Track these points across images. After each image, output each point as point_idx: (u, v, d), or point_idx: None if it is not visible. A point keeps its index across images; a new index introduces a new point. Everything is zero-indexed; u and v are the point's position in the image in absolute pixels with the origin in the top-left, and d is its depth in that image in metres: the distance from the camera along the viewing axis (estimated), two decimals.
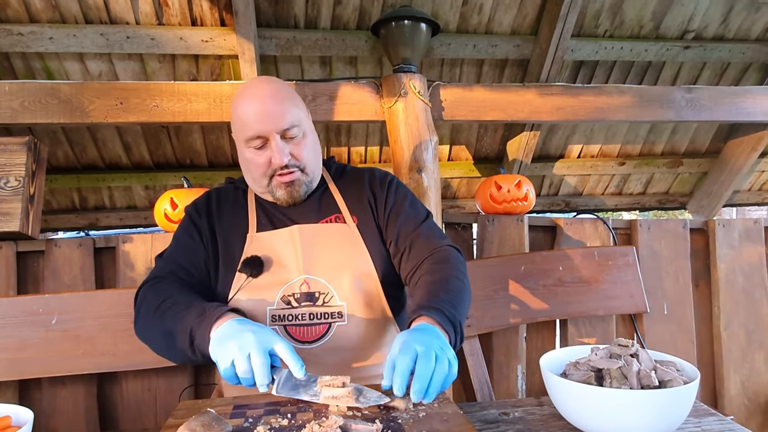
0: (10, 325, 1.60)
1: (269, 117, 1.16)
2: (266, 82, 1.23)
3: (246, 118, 1.17)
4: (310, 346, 1.18)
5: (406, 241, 1.24)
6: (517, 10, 2.30)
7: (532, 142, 2.65)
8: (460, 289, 1.12)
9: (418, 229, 1.25)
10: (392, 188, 1.32)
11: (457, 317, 1.03)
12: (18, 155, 1.78)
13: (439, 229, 1.31)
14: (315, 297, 1.20)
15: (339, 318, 1.20)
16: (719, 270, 2.20)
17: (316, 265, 1.21)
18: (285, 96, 1.20)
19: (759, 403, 2.20)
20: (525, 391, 2.06)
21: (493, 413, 1.11)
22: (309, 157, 1.24)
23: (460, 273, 1.17)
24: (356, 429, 0.84)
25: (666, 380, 0.97)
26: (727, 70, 2.73)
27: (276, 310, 1.19)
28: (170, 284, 1.17)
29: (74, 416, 1.73)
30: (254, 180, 1.25)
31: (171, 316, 1.07)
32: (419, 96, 2.05)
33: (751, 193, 3.27)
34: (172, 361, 1.16)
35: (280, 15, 2.17)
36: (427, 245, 1.22)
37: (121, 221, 2.76)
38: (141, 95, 1.96)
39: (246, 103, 1.18)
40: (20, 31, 2.01)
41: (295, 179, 1.22)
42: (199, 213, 1.29)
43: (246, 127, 1.18)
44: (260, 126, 1.16)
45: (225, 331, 0.97)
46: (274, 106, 1.17)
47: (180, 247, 1.26)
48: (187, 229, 1.27)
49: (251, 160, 1.21)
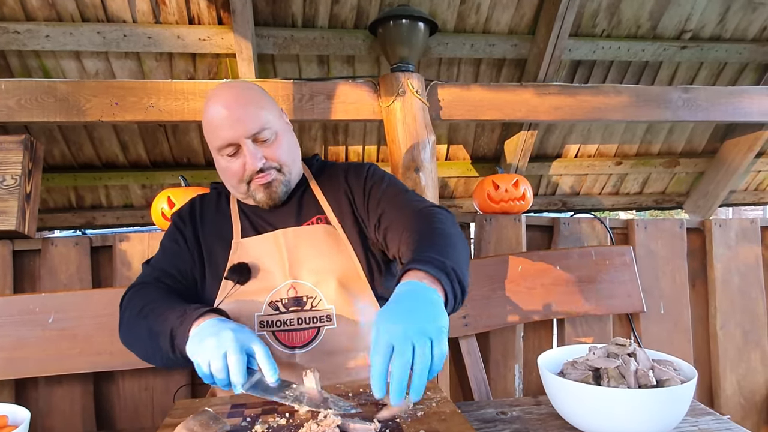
0: (6, 324, 1.60)
1: (237, 123, 1.14)
2: (229, 88, 1.20)
3: (214, 127, 1.16)
4: (300, 351, 1.17)
5: (389, 217, 1.18)
6: (514, 9, 2.30)
7: (530, 141, 2.66)
8: (449, 238, 1.01)
9: (398, 200, 1.20)
10: (369, 175, 1.29)
11: (449, 263, 0.90)
12: (14, 153, 1.78)
13: (422, 197, 1.24)
14: (303, 301, 1.19)
15: (328, 321, 1.18)
16: (716, 270, 2.21)
17: (301, 269, 1.20)
18: (250, 100, 1.18)
19: (755, 402, 2.20)
20: (522, 391, 2.06)
21: (491, 412, 1.11)
22: (284, 156, 1.21)
23: (445, 225, 1.06)
24: (354, 428, 0.84)
25: (663, 379, 0.97)
26: (724, 70, 2.74)
27: (264, 316, 1.18)
28: (155, 289, 1.17)
29: (71, 415, 1.72)
30: (233, 186, 1.24)
31: (153, 318, 1.06)
32: (417, 95, 2.05)
33: (748, 193, 3.29)
34: (155, 364, 1.15)
35: (277, 14, 2.17)
36: (409, 213, 1.14)
37: (118, 220, 2.75)
38: (138, 94, 1.95)
39: (212, 111, 1.17)
40: (17, 29, 2.00)
41: (272, 179, 1.20)
42: (184, 221, 1.29)
43: (216, 136, 1.17)
44: (229, 133, 1.15)
45: (204, 330, 0.95)
46: (239, 111, 1.15)
47: (166, 254, 1.26)
48: (172, 236, 1.27)
49: (226, 168, 1.20)
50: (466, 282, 0.93)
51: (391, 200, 1.20)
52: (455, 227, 1.08)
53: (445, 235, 1.02)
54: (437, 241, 0.99)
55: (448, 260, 0.91)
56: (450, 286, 0.88)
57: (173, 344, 1.01)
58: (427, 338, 0.77)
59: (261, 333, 1.18)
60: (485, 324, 1.85)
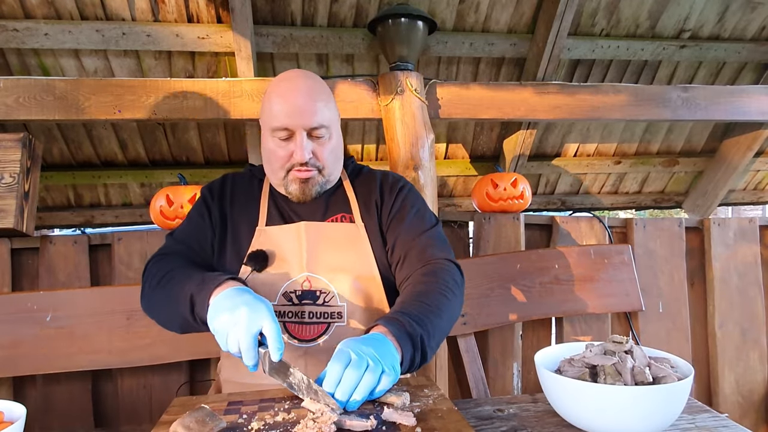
0: (4, 322, 1.60)
1: (300, 113, 1.16)
2: (304, 78, 1.23)
3: (277, 110, 1.18)
4: (307, 344, 1.18)
5: (403, 250, 1.21)
6: (513, 8, 2.30)
7: (529, 140, 2.66)
8: (440, 306, 1.07)
9: (417, 239, 1.22)
10: (401, 194, 1.29)
11: (419, 332, 0.98)
12: (13, 152, 1.78)
13: (442, 241, 1.25)
14: (316, 295, 1.20)
15: (338, 318, 1.19)
16: (714, 269, 2.21)
17: (318, 263, 1.21)
18: (320, 95, 1.20)
19: (753, 401, 2.21)
20: (521, 389, 2.07)
21: (488, 410, 1.12)
22: (330, 159, 1.23)
23: (446, 288, 1.11)
24: (351, 425, 0.84)
25: (660, 377, 0.97)
26: (723, 69, 2.74)
27: (277, 306, 1.19)
28: (175, 259, 1.20)
29: (69, 413, 1.73)
30: (272, 171, 1.24)
31: (173, 285, 1.10)
32: (416, 94, 2.05)
33: (747, 193, 3.29)
34: (175, 330, 1.17)
35: (276, 12, 2.17)
36: (422, 256, 1.18)
37: (116, 218, 2.75)
38: (137, 92, 1.95)
39: (280, 95, 1.19)
40: (15, 27, 2.00)
41: (310, 177, 1.21)
42: (213, 196, 1.30)
43: (274, 118, 1.18)
44: (289, 120, 1.16)
45: (221, 302, 0.98)
46: (306, 103, 1.17)
47: (190, 226, 1.28)
48: (199, 209, 1.29)
49: (273, 150, 1.21)
50: (429, 353, 1.01)
51: (413, 235, 1.23)
52: (456, 289, 1.14)
53: (439, 300, 1.08)
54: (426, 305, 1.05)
55: (421, 329, 0.99)
56: (410, 352, 0.97)
57: (193, 311, 1.05)
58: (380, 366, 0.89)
59: None
60: (484, 323, 1.85)
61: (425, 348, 0.99)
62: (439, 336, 1.05)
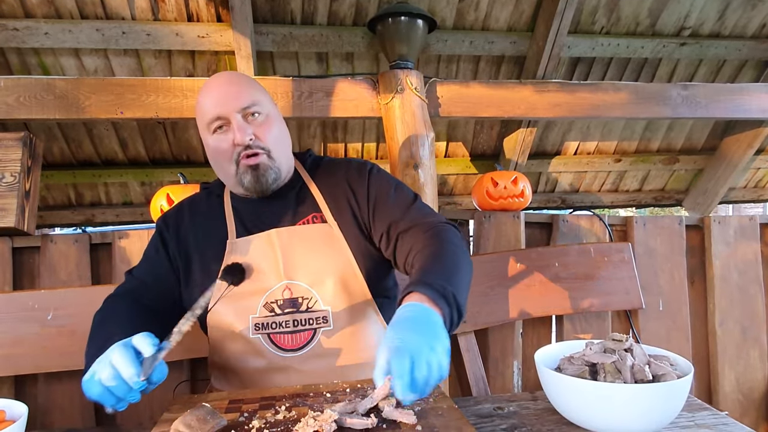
0: (5, 320, 1.60)
1: (227, 97, 1.16)
2: (228, 72, 1.27)
3: (205, 103, 1.18)
4: (294, 354, 1.16)
5: (398, 228, 1.18)
6: (513, 6, 2.30)
7: (529, 138, 2.66)
8: (455, 261, 1.04)
9: (407, 213, 1.19)
10: (372, 178, 1.26)
11: (450, 289, 0.94)
12: (13, 151, 1.78)
13: (430, 209, 1.24)
14: (298, 303, 1.17)
15: (324, 323, 1.17)
16: (714, 267, 2.21)
17: (297, 269, 1.18)
18: (243, 80, 1.22)
19: (753, 399, 2.21)
20: (521, 387, 2.07)
21: (488, 408, 1.12)
22: (273, 141, 1.20)
23: (454, 246, 1.09)
24: (351, 423, 0.84)
25: (660, 374, 0.97)
26: (723, 67, 2.73)
27: (259, 318, 1.17)
28: (120, 304, 1.19)
29: (70, 411, 1.73)
30: (224, 171, 1.21)
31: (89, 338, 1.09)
32: (416, 92, 2.05)
33: (747, 190, 3.29)
34: None
35: (276, 11, 2.16)
36: (420, 227, 1.15)
37: (117, 217, 2.75)
38: (137, 91, 1.95)
39: (206, 91, 1.20)
40: (15, 26, 2.00)
41: (260, 162, 1.17)
42: (168, 227, 1.28)
43: (206, 112, 1.17)
44: (219, 108, 1.16)
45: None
46: (231, 87, 1.18)
47: (147, 263, 1.27)
48: (155, 244, 1.28)
49: (216, 147, 1.18)
50: (463, 308, 0.97)
51: (402, 212, 1.20)
52: (462, 247, 1.11)
53: (452, 258, 1.05)
54: (444, 264, 1.02)
55: (450, 286, 0.94)
56: (448, 311, 0.92)
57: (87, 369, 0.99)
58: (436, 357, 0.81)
59: (256, 335, 1.16)
60: (484, 321, 1.86)
61: (458, 303, 0.95)
62: (465, 291, 1.02)
